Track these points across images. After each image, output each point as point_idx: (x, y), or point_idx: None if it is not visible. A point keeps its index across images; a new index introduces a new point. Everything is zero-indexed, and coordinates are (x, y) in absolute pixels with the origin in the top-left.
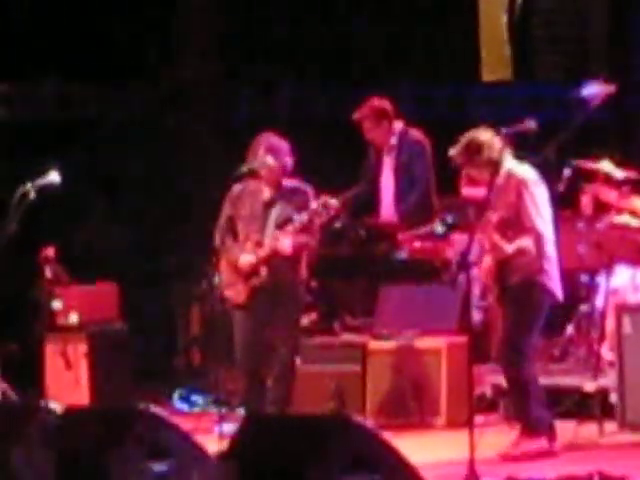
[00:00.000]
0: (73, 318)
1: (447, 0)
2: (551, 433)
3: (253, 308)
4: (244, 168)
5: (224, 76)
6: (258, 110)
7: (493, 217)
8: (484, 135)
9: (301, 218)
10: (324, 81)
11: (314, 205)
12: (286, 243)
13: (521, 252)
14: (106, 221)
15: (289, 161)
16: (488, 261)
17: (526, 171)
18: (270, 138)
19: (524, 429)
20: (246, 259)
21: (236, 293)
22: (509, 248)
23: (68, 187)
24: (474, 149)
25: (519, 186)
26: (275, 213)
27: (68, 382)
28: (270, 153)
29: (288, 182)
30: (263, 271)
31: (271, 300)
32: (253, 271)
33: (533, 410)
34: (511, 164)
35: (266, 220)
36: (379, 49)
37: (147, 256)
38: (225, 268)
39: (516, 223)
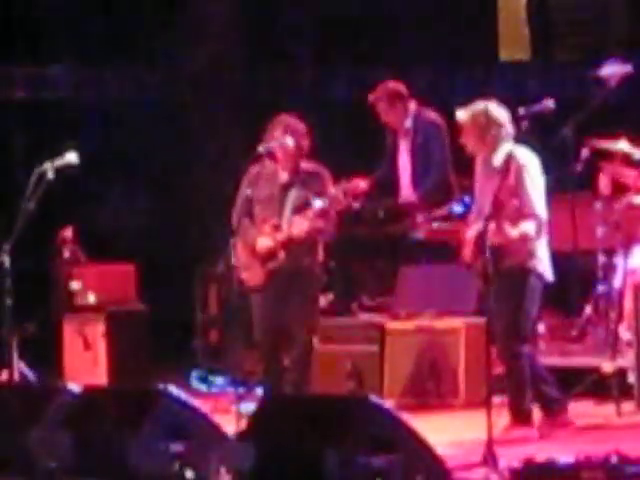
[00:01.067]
0: (91, 298)
1: None
2: (564, 412)
3: (270, 291)
4: (261, 149)
5: (244, 59)
6: (278, 92)
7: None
8: (498, 112)
9: (320, 203)
10: (342, 63)
11: (333, 191)
12: (302, 227)
13: (523, 237)
14: (124, 202)
15: (306, 143)
16: (472, 235)
17: (525, 154)
18: (288, 119)
19: (516, 418)
20: (264, 243)
21: (253, 276)
22: (514, 232)
23: (87, 168)
24: (482, 121)
25: (519, 170)
26: (292, 196)
27: (86, 362)
28: (287, 134)
29: (305, 165)
30: (281, 255)
31: (288, 283)
32: (271, 255)
33: (527, 402)
34: (511, 147)
35: (283, 203)
36: (397, 29)
37: (165, 236)
38: (242, 250)
39: (516, 207)
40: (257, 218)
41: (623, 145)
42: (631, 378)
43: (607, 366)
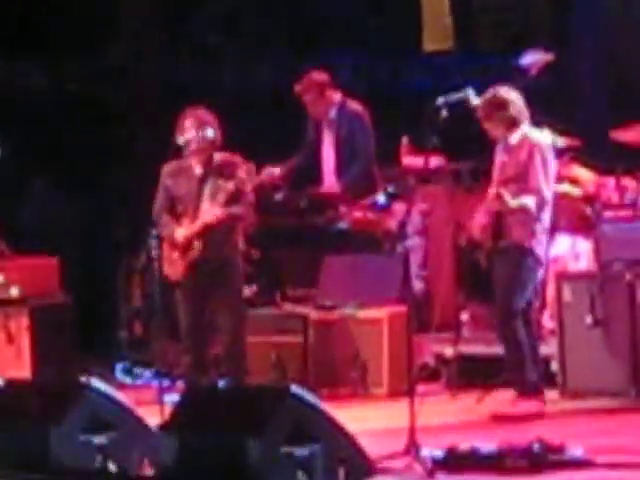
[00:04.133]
0: (14, 291)
1: None
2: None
3: (192, 283)
4: (173, 145)
5: (166, 46)
6: (201, 80)
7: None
8: (509, 93)
9: (228, 186)
10: (265, 50)
11: (240, 173)
12: (214, 212)
13: (522, 209)
14: (47, 194)
15: (217, 134)
16: (480, 218)
17: (542, 136)
18: (197, 112)
19: (521, 391)
20: (181, 233)
21: (175, 270)
22: (513, 202)
23: (8, 161)
24: (497, 104)
25: (533, 148)
26: (208, 188)
27: (10, 356)
28: (196, 127)
29: (218, 156)
30: (197, 245)
31: (211, 275)
32: (188, 245)
33: (529, 373)
34: (527, 128)
35: (201, 195)
36: (319, 18)
37: (88, 229)
38: (164, 245)
39: (521, 181)
40: (178, 213)
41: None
42: (554, 366)
43: None
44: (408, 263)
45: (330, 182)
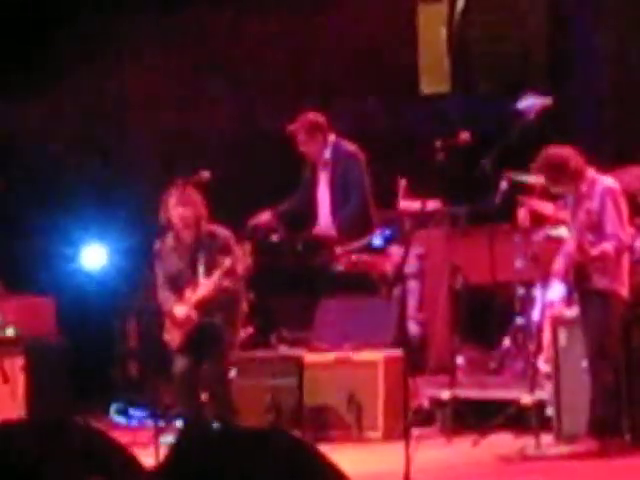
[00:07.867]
0: (10, 331)
1: (385, 12)
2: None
3: (188, 351)
4: (160, 223)
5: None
6: (192, 124)
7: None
8: (561, 150)
9: (225, 263)
10: (263, 95)
11: (237, 251)
12: (208, 287)
13: (603, 256)
14: (43, 232)
15: (203, 210)
16: (561, 263)
17: (610, 180)
18: (180, 190)
19: (592, 427)
20: (181, 311)
21: (173, 339)
22: (594, 251)
23: (3, 201)
24: (556, 165)
25: (603, 193)
26: (202, 260)
27: (5, 396)
28: (181, 205)
29: (206, 228)
30: (194, 315)
31: (202, 339)
32: (188, 321)
33: (606, 411)
34: (593, 174)
35: (195, 268)
36: (316, 61)
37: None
38: (165, 316)
39: (598, 228)
40: (175, 288)
41: (541, 178)
42: (549, 410)
43: (526, 398)
44: (404, 306)
45: (326, 223)
